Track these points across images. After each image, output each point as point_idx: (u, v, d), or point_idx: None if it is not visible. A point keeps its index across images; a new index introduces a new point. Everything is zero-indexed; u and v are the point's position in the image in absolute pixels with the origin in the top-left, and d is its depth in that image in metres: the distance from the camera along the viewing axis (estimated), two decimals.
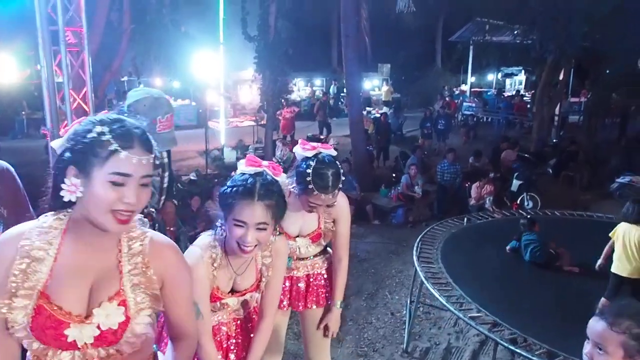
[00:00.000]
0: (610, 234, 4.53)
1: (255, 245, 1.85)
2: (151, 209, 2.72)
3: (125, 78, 16.55)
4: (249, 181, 1.83)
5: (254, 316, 2.19)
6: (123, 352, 1.39)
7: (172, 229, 5.89)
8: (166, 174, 2.82)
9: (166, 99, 2.66)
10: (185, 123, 16.28)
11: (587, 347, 1.62)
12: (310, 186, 2.31)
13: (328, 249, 2.90)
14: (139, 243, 1.41)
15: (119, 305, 1.35)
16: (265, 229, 1.84)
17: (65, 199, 1.29)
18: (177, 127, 3.00)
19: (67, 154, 1.29)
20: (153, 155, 1.32)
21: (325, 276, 2.84)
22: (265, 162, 1.94)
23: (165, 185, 2.81)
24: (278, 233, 2.07)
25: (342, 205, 2.59)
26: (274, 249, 2.08)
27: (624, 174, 9.99)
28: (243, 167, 1.89)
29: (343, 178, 2.41)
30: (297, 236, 2.65)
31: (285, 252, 2.15)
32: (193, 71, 12.58)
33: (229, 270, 1.99)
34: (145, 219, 1.49)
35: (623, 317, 1.54)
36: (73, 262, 1.34)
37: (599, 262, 4.67)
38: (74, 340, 1.32)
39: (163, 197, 2.77)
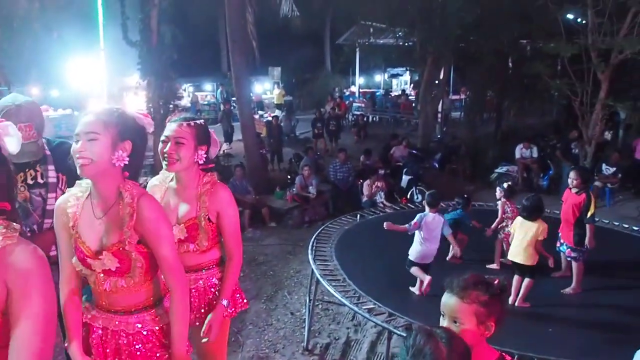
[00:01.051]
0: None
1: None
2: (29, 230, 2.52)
3: None
4: None
5: None
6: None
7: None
8: (53, 195, 2.60)
9: (28, 108, 2.46)
10: (67, 134, 15.26)
11: (443, 323, 1.75)
12: None
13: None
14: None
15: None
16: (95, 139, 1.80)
17: None
18: (59, 138, 2.81)
19: None
20: None
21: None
22: None
23: (49, 207, 2.56)
24: None
25: (223, 196, 2.45)
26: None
27: (501, 164, 10.86)
28: None
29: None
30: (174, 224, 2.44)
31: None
32: (73, 79, 11.86)
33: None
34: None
35: (469, 289, 1.71)
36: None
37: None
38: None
39: (48, 220, 2.53)
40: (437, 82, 14.60)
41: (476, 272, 1.80)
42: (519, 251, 4.41)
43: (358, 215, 6.45)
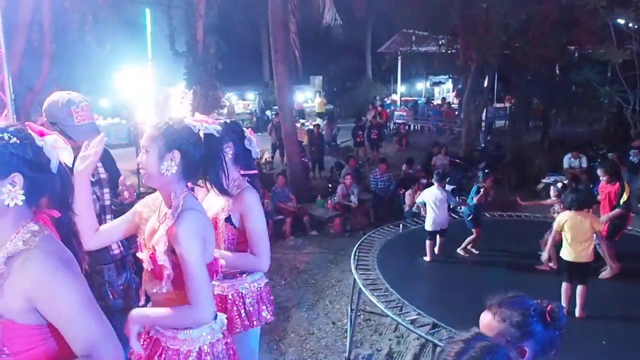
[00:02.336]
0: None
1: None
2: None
3: None
4: None
5: None
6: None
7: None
8: (106, 190, 2.72)
9: (79, 95, 2.63)
10: (116, 142, 15.74)
11: None
12: None
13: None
14: None
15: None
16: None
17: None
18: (108, 146, 2.94)
19: None
20: None
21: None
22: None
23: (107, 202, 2.69)
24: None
25: (246, 199, 2.47)
26: None
27: (548, 174, 10.58)
28: None
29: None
30: None
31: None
32: (121, 89, 12.25)
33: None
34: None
35: (504, 307, 1.65)
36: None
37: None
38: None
39: (109, 216, 2.65)
40: (481, 89, 14.37)
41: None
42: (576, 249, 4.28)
43: (400, 225, 6.39)
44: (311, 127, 14.70)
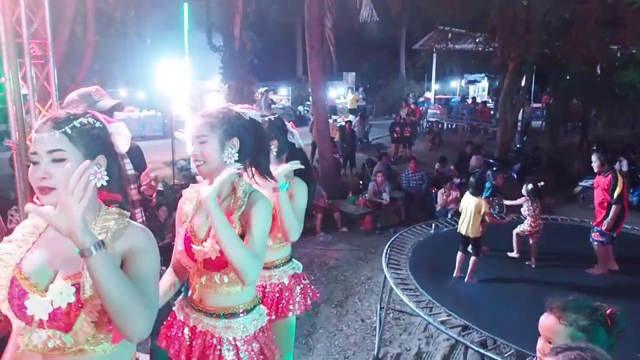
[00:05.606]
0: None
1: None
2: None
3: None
4: None
5: None
6: (79, 342, 1.40)
7: None
8: (127, 160, 2.78)
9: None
10: (151, 134, 16.04)
11: (539, 343, 1.68)
12: None
13: (293, 260, 2.77)
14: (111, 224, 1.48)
15: (72, 285, 1.38)
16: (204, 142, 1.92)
17: None
18: (142, 138, 3.05)
19: None
20: (59, 131, 1.40)
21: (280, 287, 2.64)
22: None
23: (130, 171, 2.74)
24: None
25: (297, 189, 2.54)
26: None
27: (586, 177, 10.31)
28: None
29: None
30: None
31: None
32: (158, 81, 12.44)
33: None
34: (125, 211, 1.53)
35: (570, 311, 1.62)
36: (45, 241, 1.49)
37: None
38: (32, 316, 1.38)
39: (132, 186, 2.72)
40: (518, 89, 14.08)
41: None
42: None
43: (433, 225, 6.33)
44: (343, 123, 14.68)
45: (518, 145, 14.78)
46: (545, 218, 6.95)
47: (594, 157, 5.32)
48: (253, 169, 2.04)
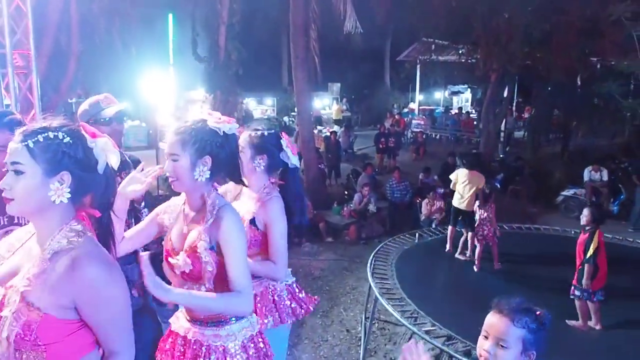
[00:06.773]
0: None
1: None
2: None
3: (74, 99, 16.10)
4: None
5: None
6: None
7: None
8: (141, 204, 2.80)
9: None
10: (135, 144, 15.91)
11: (486, 344, 1.67)
12: None
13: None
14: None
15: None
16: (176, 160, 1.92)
17: None
18: (127, 148, 3.07)
19: None
20: (22, 144, 1.41)
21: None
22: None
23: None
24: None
25: (272, 208, 2.46)
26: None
27: (568, 187, 10.44)
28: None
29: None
30: None
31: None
32: (143, 92, 12.38)
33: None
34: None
35: (521, 313, 1.65)
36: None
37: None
38: None
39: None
40: (500, 100, 14.26)
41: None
42: None
43: (417, 235, 6.37)
44: (328, 133, 14.73)
45: (501, 156, 14.94)
46: (529, 227, 7.05)
47: (586, 211, 4.78)
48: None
